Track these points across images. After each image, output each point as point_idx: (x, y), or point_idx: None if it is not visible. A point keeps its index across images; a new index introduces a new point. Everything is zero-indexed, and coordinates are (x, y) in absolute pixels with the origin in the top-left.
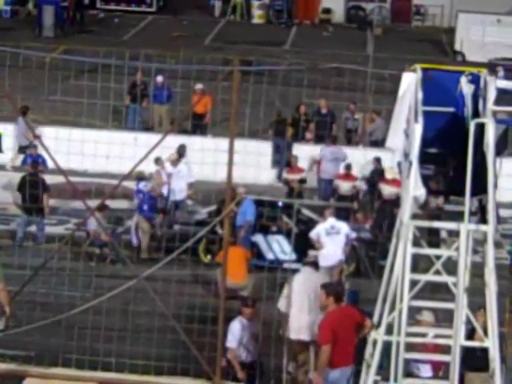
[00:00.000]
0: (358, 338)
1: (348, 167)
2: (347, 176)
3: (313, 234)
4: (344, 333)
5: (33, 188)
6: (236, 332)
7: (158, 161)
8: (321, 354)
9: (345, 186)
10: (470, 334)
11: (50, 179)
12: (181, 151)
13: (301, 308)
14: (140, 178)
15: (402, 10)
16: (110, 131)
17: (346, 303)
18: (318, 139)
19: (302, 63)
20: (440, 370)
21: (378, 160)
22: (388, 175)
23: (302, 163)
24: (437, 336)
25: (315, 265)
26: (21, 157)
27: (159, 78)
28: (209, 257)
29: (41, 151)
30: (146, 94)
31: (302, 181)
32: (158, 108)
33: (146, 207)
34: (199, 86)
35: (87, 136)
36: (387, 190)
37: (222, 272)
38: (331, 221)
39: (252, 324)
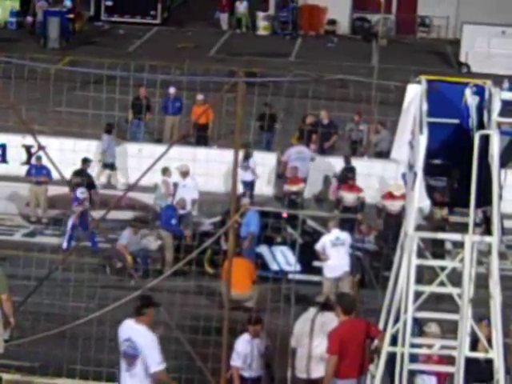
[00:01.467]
0: (370, 350)
1: (352, 178)
2: (351, 187)
3: (318, 246)
4: (353, 345)
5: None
6: (240, 350)
7: (165, 171)
8: (327, 364)
9: (349, 198)
10: (474, 345)
11: (54, 190)
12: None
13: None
14: (77, 184)
15: (407, 21)
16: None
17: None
18: (320, 150)
19: (307, 75)
20: (445, 382)
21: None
22: (395, 192)
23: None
24: (442, 347)
25: (327, 306)
26: (105, 174)
27: (172, 90)
28: (213, 268)
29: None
30: (149, 107)
31: (298, 193)
32: (170, 119)
33: (174, 221)
34: (200, 97)
35: (92, 147)
36: (395, 206)
37: (227, 283)
38: (336, 232)
39: (259, 341)
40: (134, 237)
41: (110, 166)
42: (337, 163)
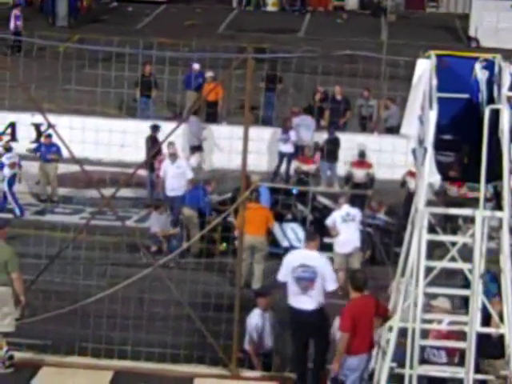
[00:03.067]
0: (378, 326)
1: (362, 154)
2: (361, 163)
3: (329, 222)
4: (364, 321)
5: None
6: (254, 325)
7: (170, 145)
8: (339, 341)
9: (359, 174)
10: (486, 321)
11: (64, 168)
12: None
13: None
14: (7, 148)
15: None
16: (124, 120)
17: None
18: (332, 126)
19: (316, 50)
20: (455, 356)
21: None
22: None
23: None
24: (453, 323)
25: None
26: (196, 156)
27: (196, 66)
28: (224, 244)
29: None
30: (157, 84)
31: (308, 173)
32: (192, 95)
33: (206, 199)
34: (210, 74)
35: (101, 125)
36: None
37: (238, 259)
38: (346, 208)
39: (269, 314)
40: (160, 217)
41: (197, 148)
42: (349, 140)
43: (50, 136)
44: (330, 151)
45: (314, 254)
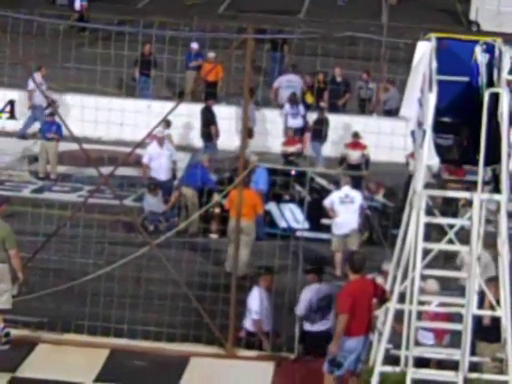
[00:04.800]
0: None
1: (356, 135)
2: (356, 144)
3: (327, 202)
4: (363, 303)
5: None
6: (258, 303)
7: (168, 124)
8: (338, 323)
9: (354, 155)
10: (481, 303)
11: (64, 146)
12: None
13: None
14: None
15: None
16: (123, 99)
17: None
18: (332, 108)
19: (316, 32)
20: (443, 338)
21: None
22: None
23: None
24: (447, 304)
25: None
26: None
27: (195, 45)
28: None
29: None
30: (156, 64)
31: (297, 154)
32: (191, 74)
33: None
34: (211, 55)
35: (101, 103)
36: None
37: (235, 244)
38: (346, 189)
39: (269, 294)
40: (154, 199)
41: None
42: (349, 121)
43: (51, 115)
44: (317, 131)
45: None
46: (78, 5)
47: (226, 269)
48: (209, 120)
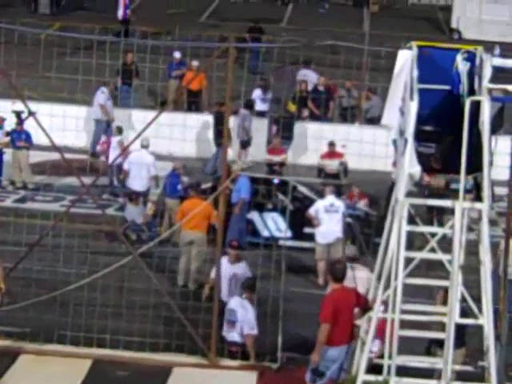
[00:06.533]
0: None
1: (332, 144)
2: (332, 154)
3: (311, 211)
4: (345, 312)
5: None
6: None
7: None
8: (320, 332)
9: (332, 165)
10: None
11: (45, 156)
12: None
13: None
14: None
15: None
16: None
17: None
18: (314, 116)
19: (298, 40)
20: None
21: None
22: None
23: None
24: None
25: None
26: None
27: (177, 55)
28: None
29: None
30: (138, 73)
31: (281, 164)
32: (174, 84)
33: (179, 187)
34: (195, 63)
35: (82, 113)
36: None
37: (217, 253)
38: (330, 198)
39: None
40: (136, 209)
41: (246, 143)
42: (330, 130)
43: (20, 124)
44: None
45: None
46: (121, 13)
47: (179, 282)
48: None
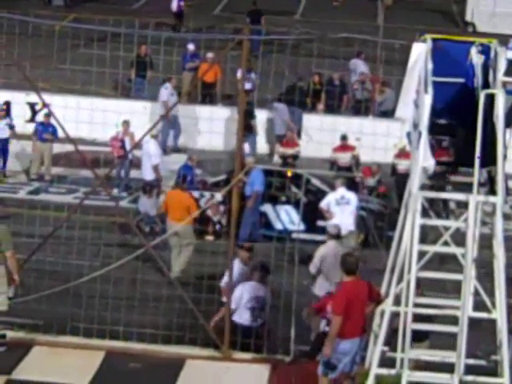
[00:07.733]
0: (371, 311)
1: (344, 138)
2: (345, 147)
3: (323, 204)
4: (357, 305)
5: None
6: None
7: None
8: (332, 325)
9: (344, 158)
10: None
11: (59, 148)
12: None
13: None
14: None
15: None
16: (118, 100)
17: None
18: (329, 109)
19: (312, 33)
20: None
21: None
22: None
23: (314, 133)
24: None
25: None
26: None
27: (191, 46)
28: (217, 226)
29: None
30: (152, 65)
31: (295, 156)
32: (188, 75)
33: (189, 179)
34: (210, 55)
35: (96, 105)
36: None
37: (231, 244)
38: (341, 191)
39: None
40: (149, 201)
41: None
42: (344, 123)
43: (47, 115)
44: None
45: None
46: (175, 5)
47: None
48: (249, 112)
